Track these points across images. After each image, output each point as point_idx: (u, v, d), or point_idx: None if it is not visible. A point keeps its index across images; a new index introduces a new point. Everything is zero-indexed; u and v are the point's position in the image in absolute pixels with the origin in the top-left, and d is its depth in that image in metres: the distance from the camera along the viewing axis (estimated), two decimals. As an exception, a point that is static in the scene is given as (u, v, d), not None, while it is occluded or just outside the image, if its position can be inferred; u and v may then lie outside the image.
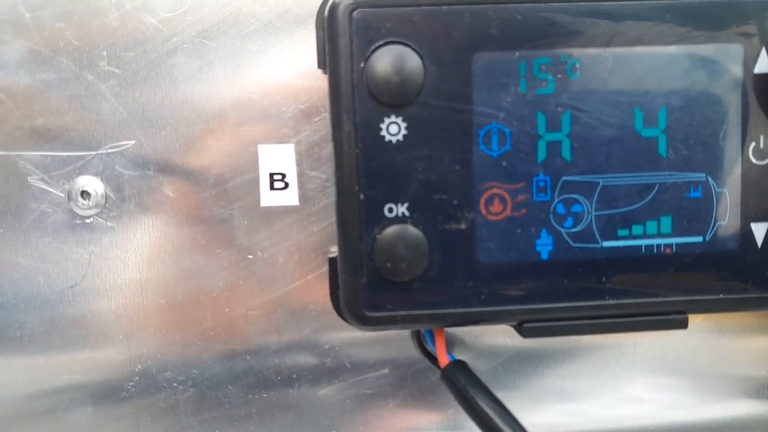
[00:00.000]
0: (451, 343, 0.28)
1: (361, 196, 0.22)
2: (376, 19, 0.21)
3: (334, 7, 0.21)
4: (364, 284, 0.22)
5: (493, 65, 0.21)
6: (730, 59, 0.22)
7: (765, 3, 0.21)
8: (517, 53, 0.21)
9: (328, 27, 0.21)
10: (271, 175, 0.25)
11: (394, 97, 0.21)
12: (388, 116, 0.21)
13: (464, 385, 0.23)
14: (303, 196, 0.25)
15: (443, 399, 0.27)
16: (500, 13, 0.21)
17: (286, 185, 0.25)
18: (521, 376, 0.28)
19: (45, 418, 0.27)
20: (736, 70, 0.22)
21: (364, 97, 0.21)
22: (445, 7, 0.21)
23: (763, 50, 0.22)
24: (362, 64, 0.21)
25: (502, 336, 0.28)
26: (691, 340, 0.28)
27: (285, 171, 0.25)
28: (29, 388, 0.26)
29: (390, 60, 0.21)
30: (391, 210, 0.22)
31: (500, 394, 0.23)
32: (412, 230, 0.22)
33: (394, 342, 0.26)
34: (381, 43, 0.21)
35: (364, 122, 0.21)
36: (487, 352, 0.28)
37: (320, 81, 0.24)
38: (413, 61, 0.21)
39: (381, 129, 0.21)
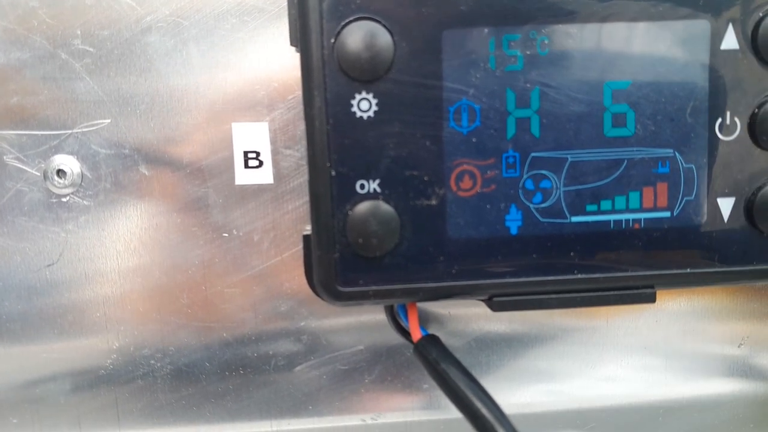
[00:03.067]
0: (428, 321, 0.28)
1: (333, 173, 0.22)
2: (346, -5, 0.21)
3: (304, -17, 0.21)
4: (336, 260, 0.22)
5: (463, 41, 0.21)
6: (697, 36, 0.22)
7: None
8: (486, 29, 0.21)
9: (298, 3, 0.21)
10: (246, 153, 0.25)
11: (365, 72, 0.21)
12: (359, 92, 0.22)
13: (436, 358, 0.24)
14: (277, 175, 0.25)
15: (418, 374, 0.27)
16: (469, -11, 0.21)
17: (261, 163, 0.25)
18: (499, 356, 0.28)
19: (23, 396, 0.27)
20: (704, 46, 0.22)
21: (334, 72, 0.21)
22: (414, -16, 0.21)
23: (730, 26, 0.22)
24: (332, 40, 0.21)
25: (482, 319, 0.28)
26: (663, 318, 0.28)
27: (259, 149, 0.25)
28: (7, 367, 0.27)
29: (360, 36, 0.21)
30: (362, 186, 0.22)
31: (476, 372, 0.24)
32: (383, 206, 0.22)
33: (369, 318, 0.27)
34: (351, 18, 0.21)
35: (335, 98, 0.22)
36: (464, 330, 0.28)
37: (294, 59, 0.24)
38: (383, 37, 0.21)
39: (352, 105, 0.22)
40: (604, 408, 0.30)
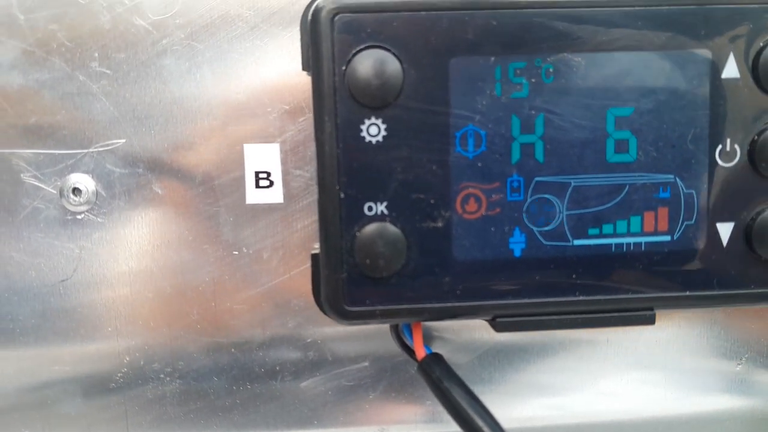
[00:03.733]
0: (432, 338, 0.29)
1: (342, 195, 0.22)
2: (356, 24, 0.22)
3: (317, 12, 0.22)
4: (344, 280, 0.23)
5: (470, 69, 0.22)
6: (699, 65, 0.23)
7: (733, 11, 0.22)
8: (492, 58, 0.22)
9: (311, 31, 0.22)
10: (257, 173, 0.26)
11: (374, 99, 0.22)
12: (369, 118, 0.22)
13: (439, 377, 0.24)
14: (287, 194, 0.26)
15: (421, 391, 0.28)
16: (476, 19, 0.22)
17: (271, 183, 0.26)
18: (499, 370, 0.29)
19: (35, 408, 0.27)
20: (705, 75, 0.23)
21: (345, 99, 0.22)
22: (423, 13, 0.22)
23: (731, 56, 0.23)
24: (344, 67, 0.22)
25: (481, 331, 0.28)
26: (663, 336, 0.29)
27: (270, 169, 0.26)
28: (21, 379, 0.27)
29: (370, 63, 0.22)
30: (370, 208, 0.23)
31: (479, 388, 0.24)
32: (390, 228, 0.23)
33: (375, 336, 0.27)
34: (362, 47, 0.22)
35: (345, 123, 0.22)
36: (468, 346, 0.29)
37: (305, 82, 0.25)
38: (392, 65, 0.22)
39: (361, 130, 0.22)
40: (604, 423, 0.30)
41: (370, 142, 0.22)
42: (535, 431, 0.30)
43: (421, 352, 0.25)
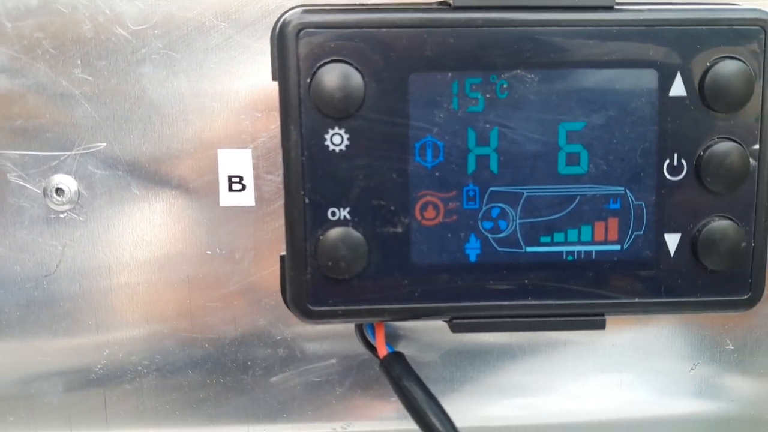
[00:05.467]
0: (400, 337, 0.30)
1: (306, 200, 0.24)
2: (321, 39, 0.23)
3: (284, 27, 0.23)
4: (308, 281, 0.24)
5: (428, 84, 0.23)
6: (647, 83, 0.24)
7: (681, 32, 0.23)
8: (450, 73, 0.23)
9: (278, 44, 0.23)
10: (230, 177, 0.27)
11: (338, 110, 0.23)
12: (332, 128, 0.23)
13: (399, 374, 0.25)
14: (259, 198, 0.27)
15: (385, 389, 0.29)
16: (434, 36, 0.23)
17: (244, 187, 0.27)
18: (461, 369, 0.30)
19: (19, 397, 0.29)
20: (653, 92, 0.24)
21: (310, 109, 0.23)
22: (384, 30, 0.23)
23: (678, 75, 0.24)
24: (308, 80, 0.23)
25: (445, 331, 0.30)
26: (618, 341, 0.30)
27: (242, 174, 0.27)
28: (5, 368, 0.29)
29: (334, 77, 0.23)
30: (333, 213, 0.24)
31: (453, 388, 0.25)
32: (352, 233, 0.24)
33: (342, 335, 0.29)
34: (325, 60, 0.23)
35: (309, 133, 0.23)
36: (432, 345, 0.30)
37: (275, 91, 0.26)
38: (355, 78, 0.23)
39: (325, 139, 0.23)
40: (572, 423, 0.32)
41: (334, 150, 0.23)
42: (495, 430, 0.31)
43: (383, 351, 0.26)
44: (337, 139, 0.23)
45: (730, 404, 0.31)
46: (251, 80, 0.27)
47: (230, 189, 0.27)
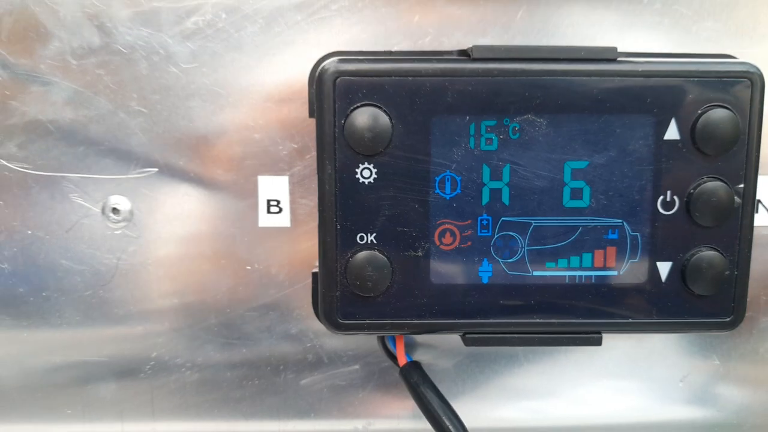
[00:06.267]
0: (417, 345, 0.33)
1: (338, 226, 0.27)
2: (354, 86, 0.26)
3: (322, 74, 0.26)
4: (337, 297, 0.27)
5: (448, 125, 0.26)
6: (645, 127, 0.26)
7: (675, 83, 0.26)
8: (467, 117, 0.26)
9: (317, 88, 0.26)
10: (268, 201, 0.30)
11: (367, 148, 0.26)
12: (362, 163, 0.26)
13: (416, 382, 0.29)
14: (294, 219, 0.30)
15: (405, 392, 0.32)
16: (455, 84, 0.26)
17: (281, 210, 0.30)
18: (486, 377, 0.33)
19: (76, 393, 0.32)
20: (650, 136, 0.26)
21: (343, 146, 0.26)
22: (410, 78, 0.26)
23: (673, 121, 0.26)
24: (343, 121, 0.26)
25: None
26: (615, 354, 0.33)
27: (280, 198, 0.30)
28: (65, 367, 0.32)
29: (365, 118, 0.26)
30: (362, 238, 0.27)
31: (464, 393, 0.28)
32: (378, 255, 0.27)
33: (365, 344, 0.32)
34: (358, 104, 0.26)
35: (342, 167, 0.26)
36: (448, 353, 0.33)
37: (311, 126, 0.29)
38: (383, 120, 0.26)
39: (356, 173, 0.26)
40: (580, 426, 0.34)
41: (363, 183, 0.26)
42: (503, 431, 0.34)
43: (402, 360, 0.29)
44: (366, 173, 0.26)
45: (717, 413, 0.34)
46: (289, 116, 0.30)
47: (268, 211, 0.30)
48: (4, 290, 0.31)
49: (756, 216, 0.28)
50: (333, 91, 0.26)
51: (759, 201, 0.31)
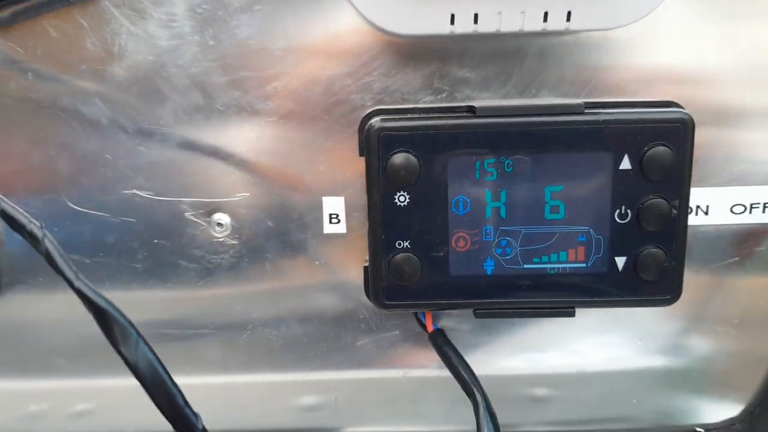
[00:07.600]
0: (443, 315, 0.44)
1: (383, 236, 0.37)
2: (393, 138, 0.36)
3: (369, 128, 0.36)
4: (383, 285, 0.38)
5: (460, 163, 0.36)
6: (606, 160, 0.36)
7: (627, 127, 0.35)
8: (474, 157, 0.36)
9: (366, 138, 0.36)
10: (330, 214, 0.41)
11: (403, 181, 0.36)
12: (399, 191, 0.37)
13: (441, 344, 0.40)
14: (348, 228, 0.41)
15: (432, 351, 0.43)
16: (464, 134, 0.36)
17: (339, 221, 0.41)
18: (494, 337, 0.44)
19: (185, 350, 0.44)
20: (609, 167, 0.36)
21: (385, 180, 0.36)
22: (432, 132, 0.36)
23: (626, 155, 0.36)
24: (385, 162, 0.36)
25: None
26: (593, 323, 0.43)
27: (338, 212, 0.41)
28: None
29: (400, 160, 0.36)
30: (399, 244, 0.37)
31: (478, 349, 0.40)
32: (411, 256, 0.37)
33: (403, 317, 0.43)
34: (395, 151, 0.36)
35: (384, 194, 0.37)
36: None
37: (361, 161, 0.39)
38: (413, 162, 0.36)
39: (395, 198, 0.37)
40: (572, 374, 0.45)
41: (400, 205, 0.37)
42: (510, 378, 0.45)
43: (430, 328, 0.41)
44: (402, 198, 0.37)
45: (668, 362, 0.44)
46: (344, 154, 0.40)
47: (330, 222, 0.41)
48: (138, 284, 0.43)
49: (690, 216, 0.37)
50: (378, 142, 0.36)
51: (696, 207, 0.40)
